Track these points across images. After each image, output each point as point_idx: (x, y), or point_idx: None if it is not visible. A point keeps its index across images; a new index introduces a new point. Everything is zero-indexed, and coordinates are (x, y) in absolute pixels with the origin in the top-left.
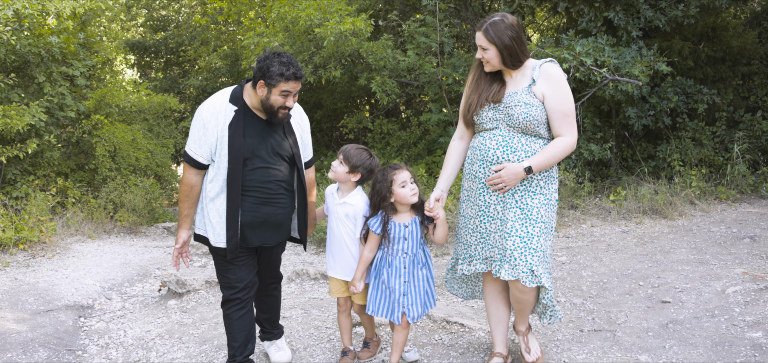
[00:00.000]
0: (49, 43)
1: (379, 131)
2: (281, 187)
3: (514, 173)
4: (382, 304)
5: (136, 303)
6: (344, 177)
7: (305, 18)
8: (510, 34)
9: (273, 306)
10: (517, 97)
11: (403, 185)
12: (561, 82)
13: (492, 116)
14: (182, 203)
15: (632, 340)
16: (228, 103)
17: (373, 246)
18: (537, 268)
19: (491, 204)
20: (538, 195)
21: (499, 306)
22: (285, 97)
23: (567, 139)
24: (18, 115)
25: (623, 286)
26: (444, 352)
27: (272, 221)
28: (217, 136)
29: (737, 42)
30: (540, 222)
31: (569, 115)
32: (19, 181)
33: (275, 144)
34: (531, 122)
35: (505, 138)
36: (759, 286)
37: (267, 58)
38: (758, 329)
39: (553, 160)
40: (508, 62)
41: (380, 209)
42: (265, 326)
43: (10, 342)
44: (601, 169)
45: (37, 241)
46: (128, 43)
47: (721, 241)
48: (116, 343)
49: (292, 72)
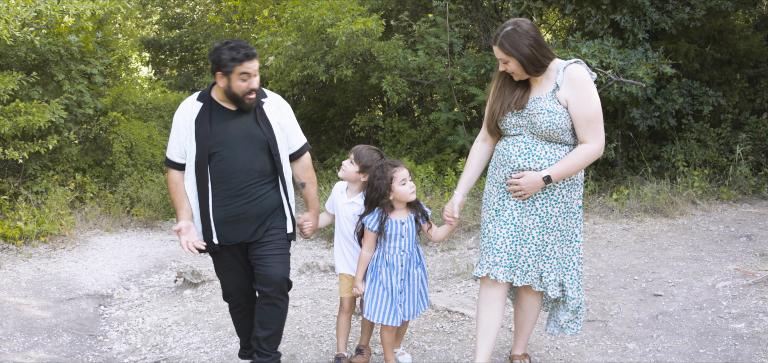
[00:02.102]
0: (68, 42)
1: (390, 129)
2: (253, 177)
3: (533, 181)
4: (381, 309)
5: (153, 293)
6: (354, 177)
7: (318, 18)
8: (527, 42)
9: (275, 319)
10: (540, 104)
11: (403, 182)
12: (585, 87)
13: (515, 122)
14: (173, 199)
15: (623, 330)
16: (195, 101)
17: (372, 244)
18: (547, 274)
19: (508, 209)
20: (559, 203)
21: (491, 313)
22: (246, 80)
23: (591, 146)
24: (39, 112)
25: (619, 280)
26: (444, 339)
27: (246, 216)
28: (186, 134)
29: (744, 45)
30: (556, 230)
31: (594, 121)
32: (40, 176)
33: (246, 132)
34: (554, 130)
35: (528, 145)
36: (748, 282)
37: (216, 49)
38: (742, 321)
39: (574, 168)
40: (532, 70)
41: (377, 206)
42: (263, 346)
43: (36, 327)
44: (607, 169)
45: (57, 234)
46: (143, 41)
47: (718, 239)
48: (135, 329)
49: (243, 53)
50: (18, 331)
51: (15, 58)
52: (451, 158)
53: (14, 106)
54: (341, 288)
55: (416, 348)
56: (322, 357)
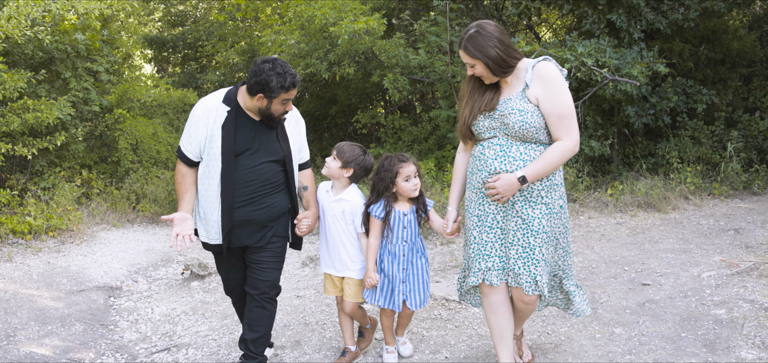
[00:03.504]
0: (74, 40)
1: (392, 126)
2: (266, 188)
3: (509, 183)
4: (380, 293)
5: (160, 285)
6: (337, 172)
7: (320, 17)
8: (492, 44)
9: (263, 322)
10: (511, 104)
11: (406, 179)
12: (555, 83)
13: (488, 125)
14: (177, 189)
15: (611, 316)
16: (221, 104)
17: (378, 232)
18: (541, 278)
19: (490, 213)
20: (539, 205)
21: (500, 318)
22: (284, 105)
23: (565, 143)
24: (47, 109)
25: (610, 270)
26: (442, 325)
27: (254, 221)
28: (207, 135)
29: (737, 45)
30: (541, 233)
31: (566, 117)
32: (47, 172)
33: (266, 145)
34: (528, 130)
35: (503, 147)
36: (731, 272)
37: (262, 71)
38: (723, 307)
39: (550, 166)
40: (499, 71)
41: (382, 196)
42: (251, 349)
43: (49, 317)
44: (603, 165)
45: (65, 229)
46: (146, 38)
47: (707, 232)
48: (145, 319)
49: (290, 81)
50: (32, 320)
51: (22, 56)
52: (452, 155)
53: (22, 104)
54: (326, 287)
55: (415, 333)
56: (325, 342)
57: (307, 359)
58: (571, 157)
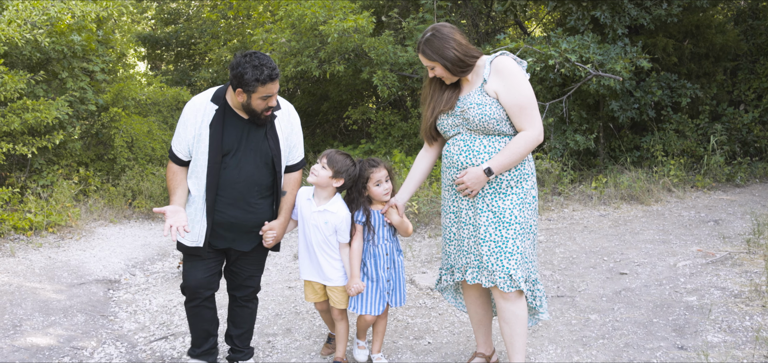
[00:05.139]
0: (71, 41)
1: (382, 122)
2: (253, 190)
3: (476, 177)
4: (365, 300)
5: (157, 278)
6: (326, 181)
7: (310, 15)
8: (448, 45)
9: (246, 319)
10: (469, 99)
11: (377, 184)
12: (513, 75)
13: (452, 123)
14: (169, 185)
15: (587, 303)
16: (210, 102)
17: (361, 237)
18: (515, 271)
19: (463, 209)
20: (510, 196)
21: (479, 308)
22: (266, 100)
23: (529, 133)
24: (46, 108)
25: (590, 260)
26: (426, 313)
27: (240, 225)
28: (195, 134)
29: (720, 39)
30: (514, 223)
31: (526, 107)
32: (45, 170)
33: (254, 144)
34: (488, 122)
35: (467, 142)
36: (706, 261)
37: (239, 64)
38: (694, 294)
39: (514, 156)
40: (457, 71)
41: (358, 201)
42: (236, 344)
43: (52, 308)
44: (589, 159)
45: (64, 225)
46: (139, 36)
47: (687, 224)
48: (143, 310)
49: (266, 74)
50: (36, 311)
51: (20, 58)
52: None
53: (22, 104)
54: (306, 294)
55: (399, 320)
56: (315, 330)
57: (297, 345)
58: (536, 145)
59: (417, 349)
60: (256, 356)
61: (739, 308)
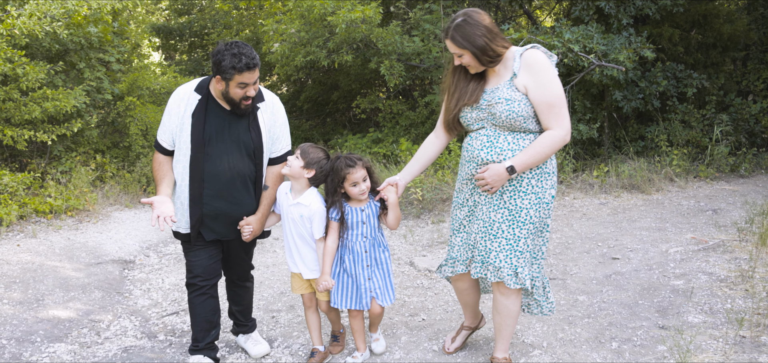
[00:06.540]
0: (88, 32)
1: (389, 111)
2: (236, 181)
3: (497, 174)
4: (346, 295)
5: (170, 259)
6: (298, 171)
7: (319, 6)
8: (479, 33)
9: (244, 297)
10: (498, 94)
11: (354, 184)
12: (544, 71)
13: (476, 116)
14: (155, 176)
15: (578, 286)
16: (193, 92)
17: (335, 234)
18: (522, 270)
19: (479, 204)
20: (529, 195)
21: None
22: (243, 89)
23: (556, 132)
24: (65, 98)
25: (584, 246)
26: (422, 293)
27: (226, 216)
28: (179, 124)
29: (728, 28)
30: (529, 223)
31: (556, 105)
32: (64, 157)
33: (236, 136)
34: (515, 119)
35: (490, 137)
36: (698, 248)
37: (219, 51)
38: (682, 279)
39: (539, 156)
40: (486, 61)
41: (334, 198)
42: (239, 318)
43: (72, 285)
44: (593, 148)
45: (82, 209)
46: (153, 27)
47: (686, 212)
48: (156, 288)
49: (244, 62)
50: (57, 287)
51: (40, 49)
52: None
53: (42, 93)
54: (293, 286)
55: (397, 299)
56: None
57: (300, 320)
58: (562, 146)
59: (411, 325)
60: (259, 329)
61: (722, 292)
